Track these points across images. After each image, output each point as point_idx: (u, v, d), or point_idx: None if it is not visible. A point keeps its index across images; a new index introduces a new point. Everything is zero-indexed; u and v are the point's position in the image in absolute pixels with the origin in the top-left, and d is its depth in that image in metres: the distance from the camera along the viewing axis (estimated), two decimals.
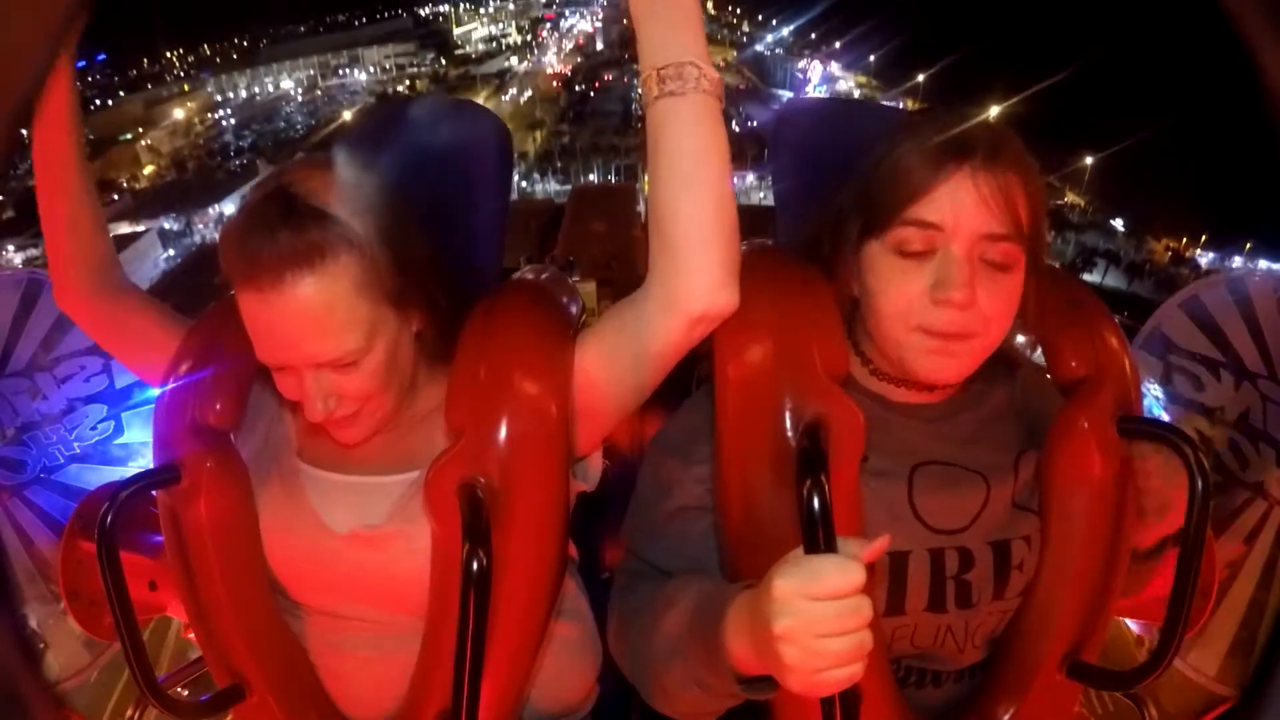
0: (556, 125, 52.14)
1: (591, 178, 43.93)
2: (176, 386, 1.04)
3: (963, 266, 0.87)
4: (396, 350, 0.96)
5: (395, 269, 0.93)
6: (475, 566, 0.86)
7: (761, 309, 0.91)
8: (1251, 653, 1.75)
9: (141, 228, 36.56)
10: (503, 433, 0.93)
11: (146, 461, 1.79)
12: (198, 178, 44.97)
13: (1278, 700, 0.65)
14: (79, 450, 1.97)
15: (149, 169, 47.03)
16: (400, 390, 0.99)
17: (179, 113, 52.96)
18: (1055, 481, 0.97)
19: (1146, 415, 1.01)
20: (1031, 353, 1.12)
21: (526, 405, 0.93)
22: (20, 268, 2.12)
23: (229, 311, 0.95)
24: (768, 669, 0.76)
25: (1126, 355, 1.00)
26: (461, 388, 0.96)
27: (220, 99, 56.49)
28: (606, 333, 0.96)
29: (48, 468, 1.94)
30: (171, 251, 36.20)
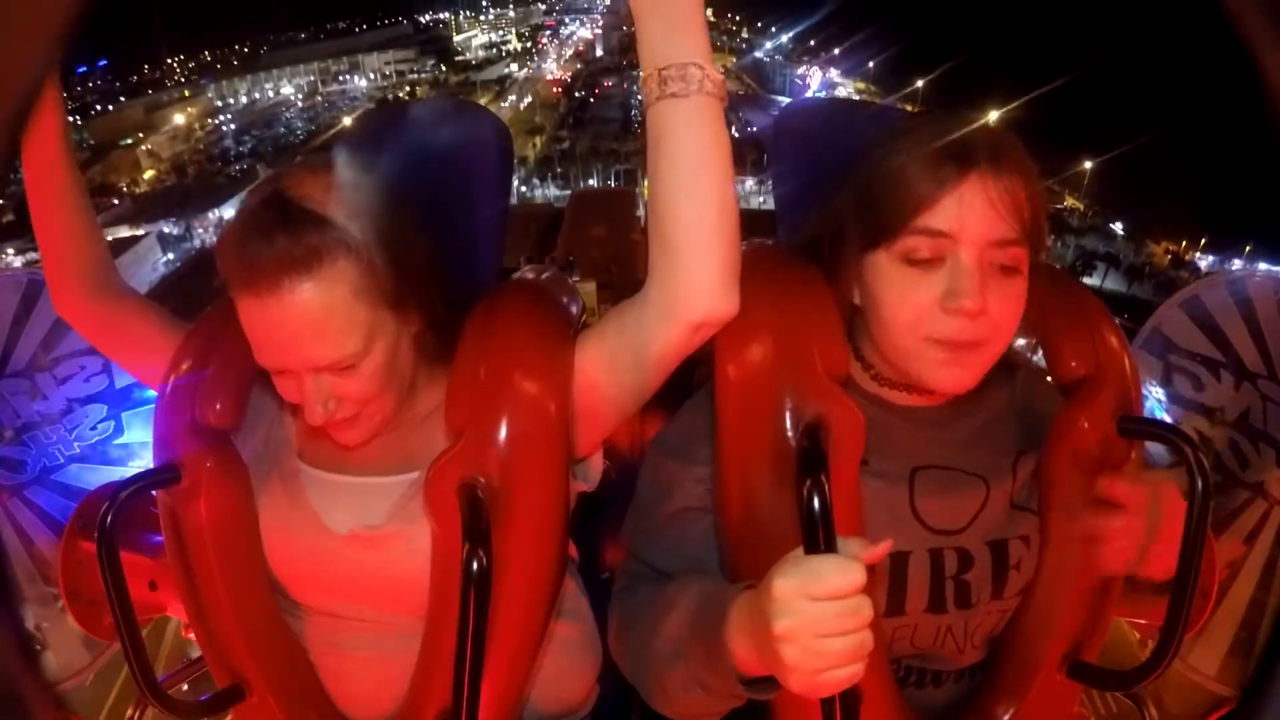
0: (556, 131, 52.19)
1: (591, 182, 43.93)
2: (176, 387, 1.04)
3: (973, 274, 0.86)
4: (395, 352, 0.96)
5: (393, 272, 0.92)
6: (475, 566, 0.86)
7: (762, 309, 0.91)
8: (1251, 653, 1.74)
9: (141, 231, 36.59)
10: (503, 432, 0.93)
11: (146, 461, 1.78)
12: (198, 182, 45.02)
13: (1278, 700, 0.65)
14: (79, 450, 1.96)
15: (149, 173, 47.07)
16: (400, 392, 0.99)
17: (179, 118, 53.02)
18: (1055, 481, 0.97)
19: (1147, 415, 1.00)
20: (1032, 354, 1.11)
21: (526, 405, 0.93)
22: (20, 270, 2.11)
23: (229, 312, 0.95)
24: (768, 669, 0.76)
25: (1126, 355, 0.99)
26: (461, 388, 0.96)
27: (221, 104, 56.59)
28: (607, 335, 0.95)
29: (48, 468, 1.93)
30: (171, 255, 36.17)
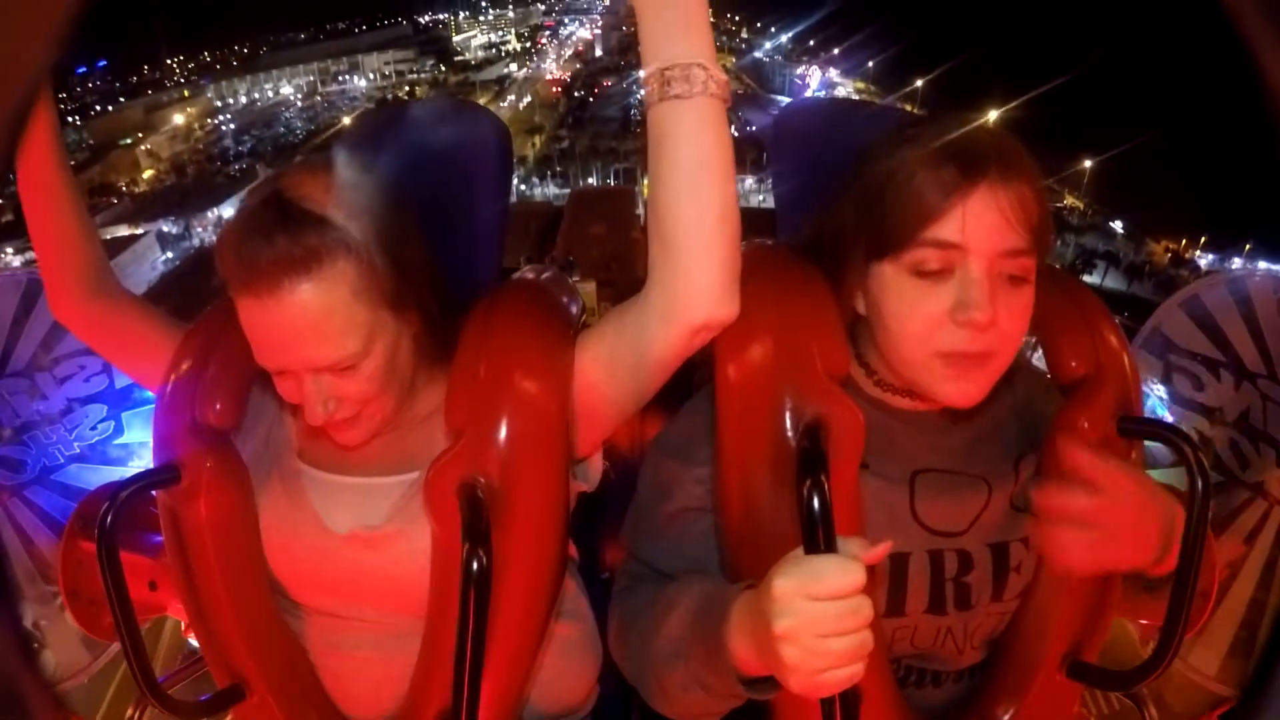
0: (555, 130, 52.17)
1: (590, 181, 43.89)
2: (176, 387, 1.04)
3: (983, 285, 0.84)
4: (395, 353, 0.96)
5: (393, 272, 0.92)
6: (475, 566, 0.86)
7: (762, 309, 0.91)
8: (1251, 653, 1.74)
9: (140, 230, 36.58)
10: (503, 432, 0.93)
11: (146, 461, 1.79)
12: (197, 182, 45.01)
13: (1278, 700, 0.65)
14: (79, 450, 1.96)
15: (148, 173, 47.08)
16: (400, 392, 0.99)
17: (179, 118, 53.03)
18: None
19: (1147, 415, 1.00)
20: (1031, 354, 1.11)
21: (526, 405, 0.93)
22: (19, 269, 2.11)
23: (228, 312, 0.95)
24: (769, 669, 0.76)
25: (1126, 355, 0.99)
26: (461, 387, 0.95)
27: (220, 104, 56.59)
28: (607, 335, 0.95)
29: (48, 468, 1.93)
30: (170, 254, 36.18)
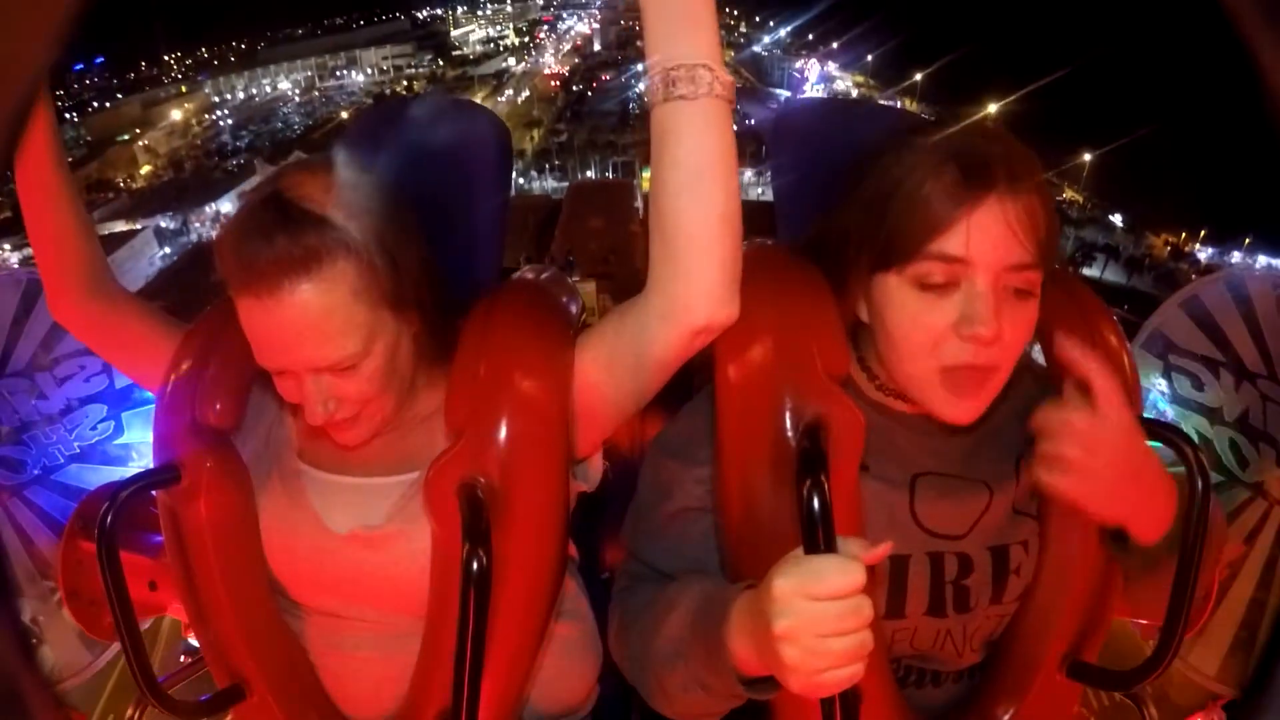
0: (554, 124, 52.06)
1: (589, 174, 43.82)
2: (176, 387, 1.04)
3: (988, 300, 0.83)
4: (395, 353, 0.96)
5: (393, 272, 0.92)
6: (475, 566, 0.86)
7: (762, 310, 0.90)
8: (1251, 653, 1.75)
9: (138, 226, 36.51)
10: (503, 432, 0.92)
11: (146, 461, 1.79)
12: (194, 177, 44.90)
13: (1278, 700, 0.65)
14: (79, 450, 1.96)
15: (146, 169, 46.99)
16: (400, 392, 0.99)
17: (176, 114, 52.93)
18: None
19: (1148, 415, 1.00)
20: (1031, 347, 1.11)
21: (526, 405, 0.93)
22: (17, 267, 2.11)
23: (228, 312, 0.95)
24: (769, 669, 0.76)
25: (1126, 354, 0.99)
26: (461, 387, 0.95)
27: (218, 100, 56.46)
28: (607, 336, 0.95)
29: (48, 468, 1.93)
30: (168, 249, 36.13)
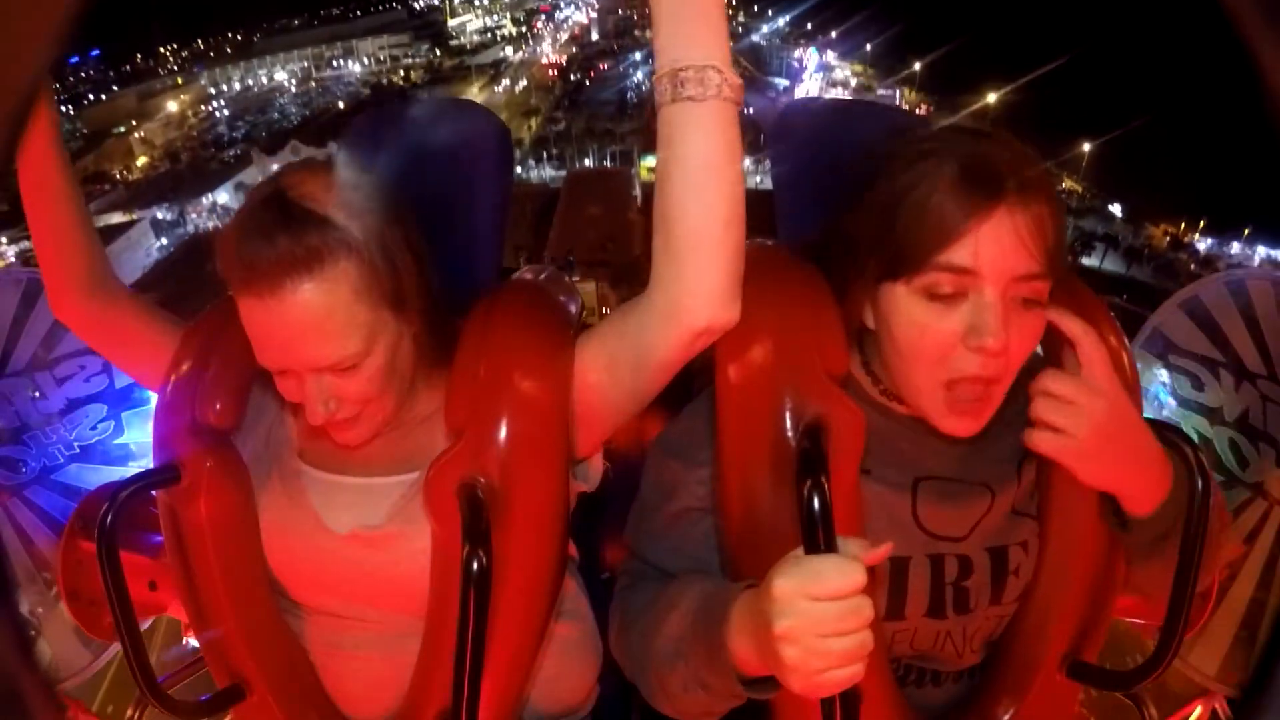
0: (552, 112, 51.82)
1: (587, 162, 43.65)
2: (176, 387, 1.04)
3: (997, 311, 0.83)
4: (396, 353, 0.96)
5: (394, 272, 0.92)
6: (475, 566, 0.86)
7: (763, 310, 0.90)
8: (1251, 653, 1.75)
9: (134, 217, 36.38)
10: (503, 432, 0.93)
11: (146, 461, 1.78)
12: (191, 168, 44.75)
13: (1278, 700, 0.65)
14: (79, 450, 1.96)
15: (142, 160, 46.83)
16: (400, 392, 0.99)
17: (173, 105, 52.71)
18: (1055, 482, 0.96)
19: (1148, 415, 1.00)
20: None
21: (526, 405, 0.93)
22: (14, 260, 2.11)
23: (228, 311, 0.95)
24: (769, 669, 0.76)
25: (1126, 354, 0.99)
26: (461, 387, 0.95)
27: (214, 91, 56.22)
28: (608, 336, 0.95)
29: (48, 468, 1.93)
30: (164, 240, 35.97)
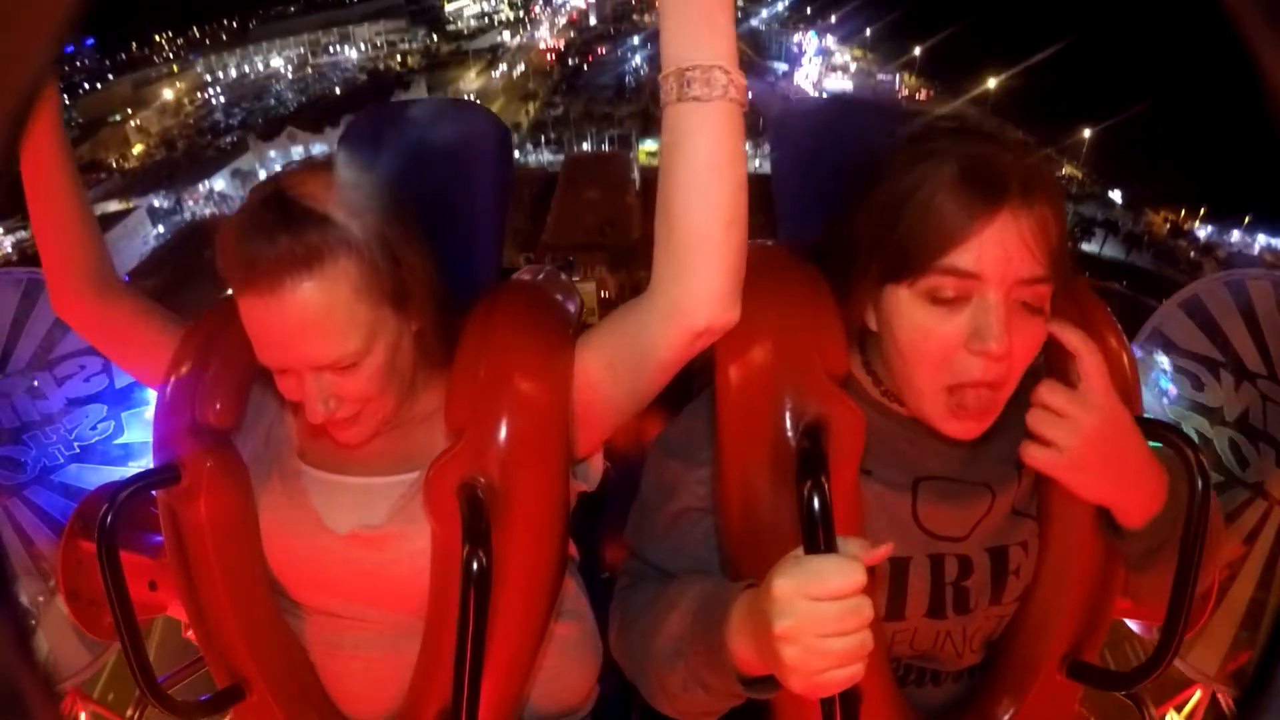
0: (550, 97, 51.50)
1: (585, 147, 43.42)
2: (176, 387, 1.04)
3: (1000, 314, 0.82)
4: (396, 352, 0.96)
5: (394, 271, 0.92)
6: (475, 566, 0.86)
7: (763, 311, 0.90)
8: (1251, 652, 1.75)
9: (131, 205, 36.25)
10: (503, 433, 0.93)
11: (146, 461, 1.79)
12: (187, 156, 44.55)
13: (1278, 700, 0.65)
14: (79, 450, 1.97)
15: (138, 148, 46.60)
16: (400, 391, 0.99)
17: (168, 93, 52.34)
18: (1055, 483, 0.96)
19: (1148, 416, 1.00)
20: None
21: (526, 405, 0.93)
22: (10, 251, 2.11)
23: (228, 312, 0.95)
24: (769, 669, 0.76)
25: (1126, 355, 0.99)
26: (461, 388, 0.96)
27: (210, 79, 55.87)
28: (608, 336, 0.95)
29: (48, 468, 1.94)
30: (161, 228, 35.87)
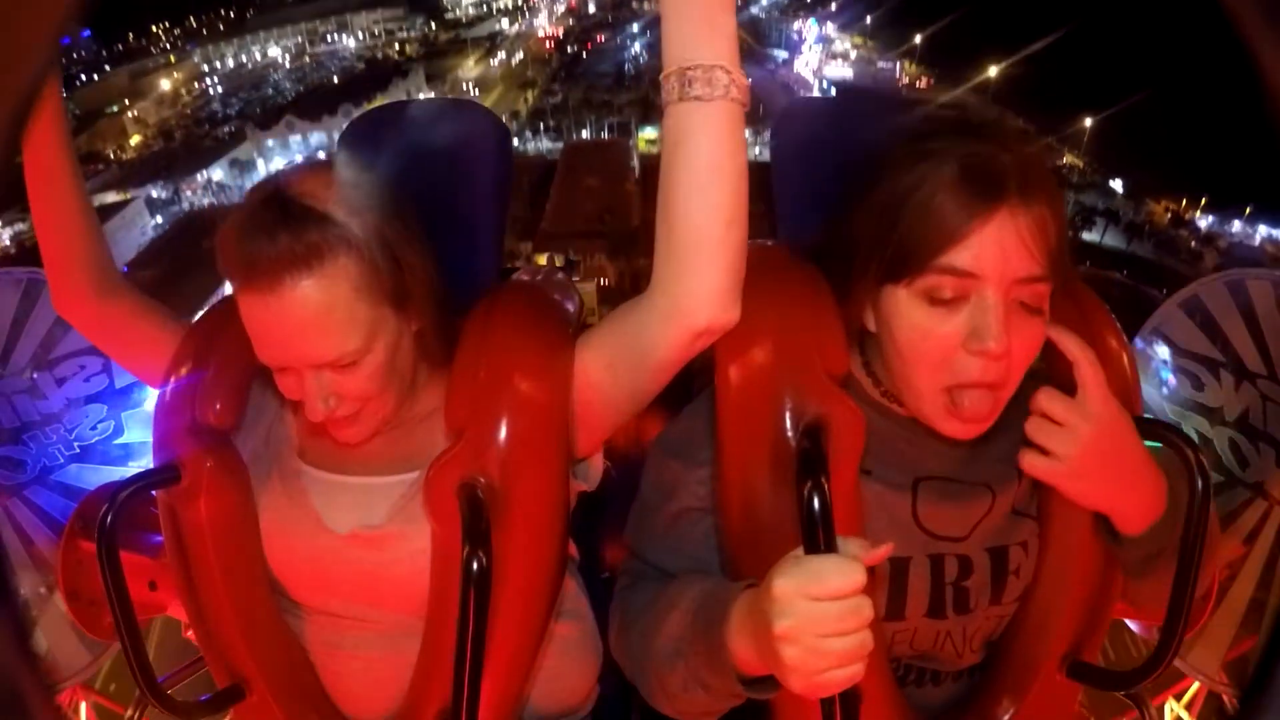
0: (549, 84, 51.26)
1: (584, 134, 43.26)
2: (176, 387, 1.04)
3: (998, 314, 0.82)
4: (396, 350, 0.96)
5: (394, 269, 0.92)
6: (475, 566, 0.86)
7: (763, 311, 0.90)
8: (1251, 652, 1.76)
9: (129, 196, 36.18)
10: (503, 432, 0.93)
11: (146, 461, 1.79)
12: (185, 146, 44.45)
13: (1278, 700, 0.65)
14: (79, 450, 1.97)
15: (136, 139, 46.47)
16: (400, 390, 0.99)
17: (165, 83, 52.15)
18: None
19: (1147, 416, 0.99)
20: None
21: (526, 405, 0.93)
22: (9, 244, 2.11)
23: (228, 311, 0.95)
24: (769, 669, 0.76)
25: (1126, 355, 0.99)
26: (461, 387, 0.96)
27: (207, 69, 55.63)
28: (608, 336, 0.95)
29: (48, 468, 1.94)
30: (159, 219, 35.87)
